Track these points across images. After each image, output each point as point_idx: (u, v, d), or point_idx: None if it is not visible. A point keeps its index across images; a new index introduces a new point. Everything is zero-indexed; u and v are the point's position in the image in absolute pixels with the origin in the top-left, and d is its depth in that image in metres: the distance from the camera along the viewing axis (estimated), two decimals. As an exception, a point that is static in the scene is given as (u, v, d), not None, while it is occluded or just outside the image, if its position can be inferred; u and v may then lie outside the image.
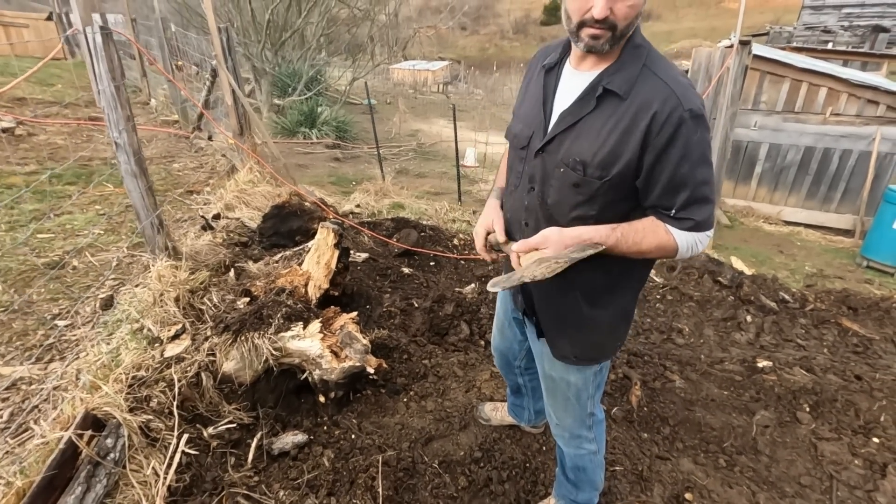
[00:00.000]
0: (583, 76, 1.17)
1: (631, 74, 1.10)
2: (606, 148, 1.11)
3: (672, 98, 1.06)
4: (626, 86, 1.09)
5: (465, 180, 6.14)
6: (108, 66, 2.33)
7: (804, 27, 14.48)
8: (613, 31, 1.06)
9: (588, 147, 1.13)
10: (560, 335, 1.38)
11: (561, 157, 1.17)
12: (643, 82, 1.09)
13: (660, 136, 1.06)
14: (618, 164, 1.11)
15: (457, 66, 28.23)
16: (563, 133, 1.18)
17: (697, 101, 1.08)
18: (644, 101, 1.07)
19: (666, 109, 1.05)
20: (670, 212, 1.14)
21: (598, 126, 1.12)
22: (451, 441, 2.06)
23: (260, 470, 1.80)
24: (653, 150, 1.08)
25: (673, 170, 1.09)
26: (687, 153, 1.07)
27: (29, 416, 1.83)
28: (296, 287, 2.35)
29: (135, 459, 1.62)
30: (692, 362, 2.86)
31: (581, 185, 1.15)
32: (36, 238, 3.21)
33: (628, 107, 1.09)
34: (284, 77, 10.48)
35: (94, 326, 2.39)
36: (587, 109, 1.14)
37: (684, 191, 1.11)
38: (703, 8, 44.88)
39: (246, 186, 4.23)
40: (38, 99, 7.47)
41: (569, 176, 1.17)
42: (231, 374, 1.99)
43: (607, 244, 1.14)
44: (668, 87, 1.07)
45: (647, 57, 1.12)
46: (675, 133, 1.06)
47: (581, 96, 1.16)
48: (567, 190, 1.18)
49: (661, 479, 2.03)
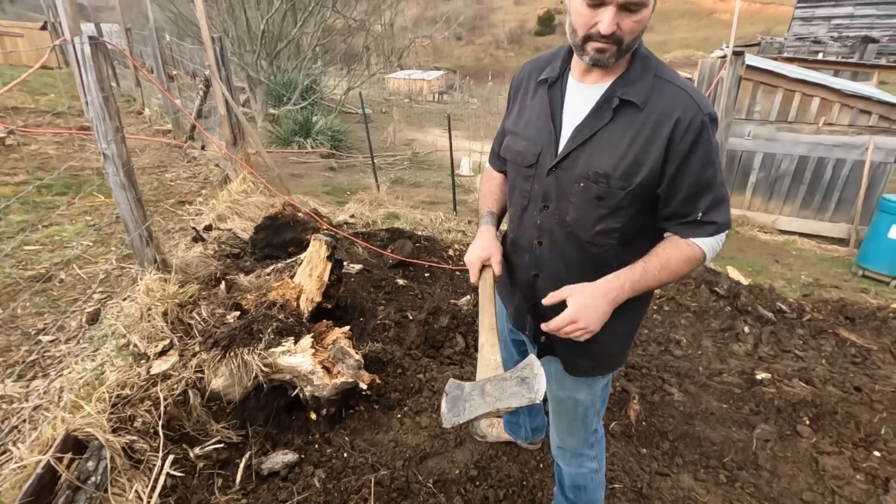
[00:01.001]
0: (591, 89, 1.15)
1: (645, 84, 1.09)
2: (629, 159, 1.09)
3: (692, 104, 1.07)
4: (643, 95, 1.09)
5: (460, 190, 6.12)
6: (96, 76, 2.30)
7: (795, 38, 14.68)
8: (619, 45, 1.04)
9: (608, 159, 1.11)
10: (576, 352, 1.32)
11: (579, 172, 1.15)
12: (659, 91, 1.09)
13: (683, 143, 1.07)
14: (640, 173, 1.09)
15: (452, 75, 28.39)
16: (579, 148, 1.15)
17: (711, 106, 1.11)
18: (665, 109, 1.07)
19: (688, 115, 1.06)
20: (694, 216, 1.13)
21: (616, 138, 1.11)
22: (446, 459, 2.01)
23: (248, 492, 1.74)
24: (675, 156, 1.08)
25: (697, 174, 1.10)
26: (709, 157, 1.09)
27: (8, 437, 1.76)
28: (287, 300, 2.30)
29: (117, 482, 1.56)
30: (691, 374, 2.82)
31: (605, 197, 1.13)
32: (22, 250, 3.15)
33: (648, 116, 1.08)
34: (279, 86, 10.48)
35: (79, 342, 2.33)
36: (603, 122, 1.12)
37: (708, 194, 1.12)
38: (696, 19, 45.50)
39: (239, 197, 4.19)
40: (31, 108, 7.42)
41: (590, 190, 1.14)
42: (220, 392, 1.93)
43: (634, 279, 1.14)
44: (686, 93, 1.08)
45: (656, 67, 1.12)
46: (698, 138, 1.07)
47: (595, 108, 1.13)
48: (589, 205, 1.15)
49: (661, 496, 1.99)
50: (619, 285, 1.13)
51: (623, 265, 1.17)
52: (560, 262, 1.26)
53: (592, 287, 1.13)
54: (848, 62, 10.37)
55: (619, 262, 1.18)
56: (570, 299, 1.12)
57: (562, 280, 1.24)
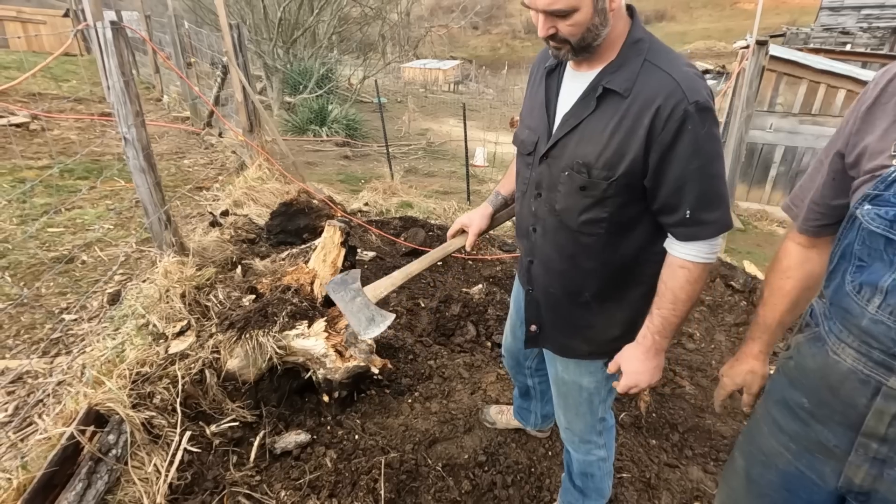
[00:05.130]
0: (583, 76, 1.14)
1: (632, 71, 1.06)
2: (610, 149, 1.08)
3: (677, 91, 1.01)
4: (626, 83, 1.06)
5: (474, 180, 6.11)
6: (117, 61, 2.33)
7: (822, 28, 14.26)
8: (569, 44, 1.05)
9: (592, 149, 1.10)
10: (569, 335, 1.35)
11: (566, 161, 1.15)
12: (645, 77, 1.05)
13: (664, 133, 1.02)
14: (623, 163, 1.07)
15: (468, 65, 28.19)
16: (566, 137, 1.15)
17: (704, 93, 1.03)
18: (647, 96, 1.03)
19: (670, 104, 1.01)
20: (682, 212, 1.08)
21: (600, 127, 1.09)
22: (455, 444, 2.03)
23: (262, 469, 1.79)
24: (658, 147, 1.04)
25: (683, 166, 1.04)
26: (696, 149, 1.03)
27: (33, 410, 1.83)
28: (302, 285, 2.34)
29: (136, 456, 1.61)
30: (703, 368, 2.80)
31: (588, 187, 1.12)
32: (46, 232, 3.24)
33: (630, 104, 1.05)
34: (295, 75, 10.52)
35: (100, 321, 2.40)
36: (588, 111, 1.11)
37: (694, 187, 1.06)
38: (718, 9, 44.41)
39: (255, 183, 4.23)
40: (53, 94, 7.56)
41: (574, 179, 1.14)
42: (235, 372, 1.97)
43: (656, 328, 1.18)
44: (672, 79, 1.02)
45: (648, 50, 1.07)
46: (681, 128, 1.02)
47: (581, 97, 1.13)
48: (575, 194, 1.15)
49: (669, 487, 1.99)
50: (651, 341, 1.19)
51: (614, 255, 1.20)
52: (552, 249, 1.27)
53: (636, 351, 1.22)
54: (878, 54, 10.05)
55: (609, 252, 1.19)
56: (623, 368, 1.24)
57: (553, 268, 1.27)
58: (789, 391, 0.94)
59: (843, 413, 0.84)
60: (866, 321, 0.77)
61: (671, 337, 1.21)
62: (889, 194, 0.73)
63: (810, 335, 0.91)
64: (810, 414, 0.90)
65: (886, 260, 0.74)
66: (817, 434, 0.88)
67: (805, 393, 0.90)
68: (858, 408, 0.81)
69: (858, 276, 0.79)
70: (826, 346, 0.86)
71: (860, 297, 0.78)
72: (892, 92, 0.79)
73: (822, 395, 0.87)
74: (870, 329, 0.77)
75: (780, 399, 0.97)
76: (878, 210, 0.74)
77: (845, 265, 0.82)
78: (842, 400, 0.83)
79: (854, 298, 0.79)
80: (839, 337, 0.83)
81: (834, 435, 0.86)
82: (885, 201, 0.73)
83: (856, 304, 0.79)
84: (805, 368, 0.90)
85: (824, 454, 0.88)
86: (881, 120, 0.79)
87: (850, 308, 0.80)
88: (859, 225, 0.77)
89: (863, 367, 0.79)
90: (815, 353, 0.88)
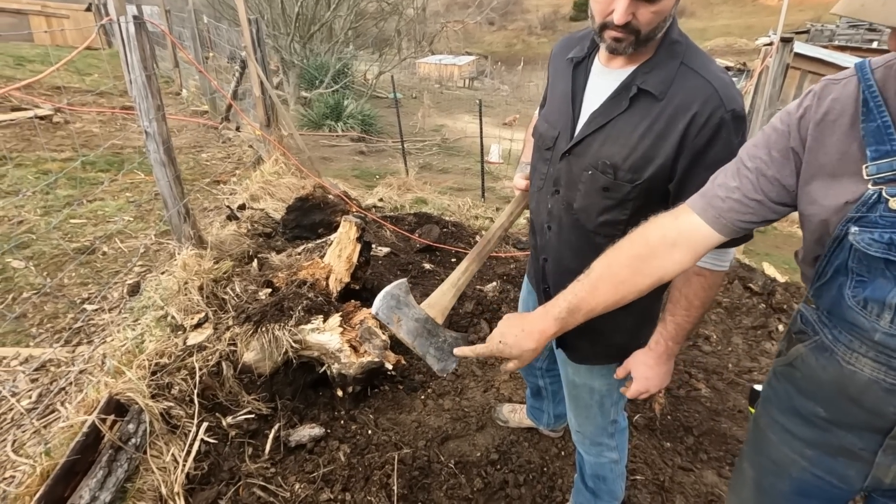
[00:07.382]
0: (614, 74, 1.11)
1: (668, 73, 1.03)
2: (639, 151, 1.05)
3: (714, 98, 0.99)
4: (662, 85, 1.03)
5: (489, 177, 6.09)
6: (140, 55, 2.36)
7: (847, 25, 13.91)
8: (637, 35, 1.00)
9: (619, 150, 1.07)
10: (579, 339, 1.33)
11: (589, 160, 1.12)
12: (681, 81, 1.03)
13: (698, 139, 1.00)
14: (650, 167, 1.05)
15: (483, 61, 28.05)
16: (592, 135, 1.12)
17: (740, 101, 1.01)
18: (683, 101, 1.01)
19: (707, 110, 0.99)
20: None
21: (629, 128, 1.06)
22: (467, 441, 2.04)
23: (276, 461, 1.81)
24: (689, 152, 1.02)
25: (709, 174, 1.01)
26: (726, 157, 1.00)
27: (56, 398, 1.87)
28: (317, 280, 2.35)
29: (155, 445, 1.64)
30: (719, 371, 2.76)
31: (611, 188, 1.10)
32: (68, 223, 3.30)
33: (664, 108, 1.02)
34: (312, 70, 10.58)
35: (120, 312, 2.44)
36: (619, 110, 1.08)
37: None
38: (739, 5, 43.55)
39: (271, 178, 4.27)
40: (76, 87, 7.69)
41: (598, 179, 1.11)
42: (251, 365, 2.00)
43: (670, 334, 1.17)
44: (710, 85, 1.00)
45: (685, 53, 1.05)
46: (715, 136, 1.00)
47: (613, 96, 1.09)
48: (595, 194, 1.13)
49: (683, 490, 1.97)
50: (664, 347, 1.19)
51: None
52: (566, 248, 1.25)
53: (648, 357, 1.22)
54: (905, 52, 9.74)
55: None
56: (634, 374, 1.24)
57: (566, 267, 1.24)
58: (799, 400, 0.93)
59: (867, 420, 0.82)
60: (880, 335, 0.76)
61: (678, 346, 1.20)
62: (874, 216, 0.73)
63: (812, 344, 0.89)
64: (828, 422, 0.88)
65: (890, 277, 0.73)
66: (840, 439, 0.87)
67: (820, 403, 0.89)
68: (886, 415, 0.80)
69: (861, 292, 0.77)
70: (836, 356, 0.84)
71: (867, 312, 0.77)
72: (839, 111, 0.78)
73: (842, 405, 0.85)
74: (886, 342, 0.76)
75: (789, 408, 0.95)
76: (870, 234, 0.73)
77: (842, 279, 0.80)
78: (866, 409, 0.82)
79: (860, 313, 0.78)
80: (850, 347, 0.81)
81: (860, 439, 0.85)
82: (873, 223, 0.73)
83: (864, 319, 0.78)
84: (817, 379, 0.88)
85: (848, 457, 0.87)
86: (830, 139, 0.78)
87: (858, 322, 0.79)
88: (850, 247, 0.76)
89: (885, 375, 0.78)
90: (825, 365, 0.86)
